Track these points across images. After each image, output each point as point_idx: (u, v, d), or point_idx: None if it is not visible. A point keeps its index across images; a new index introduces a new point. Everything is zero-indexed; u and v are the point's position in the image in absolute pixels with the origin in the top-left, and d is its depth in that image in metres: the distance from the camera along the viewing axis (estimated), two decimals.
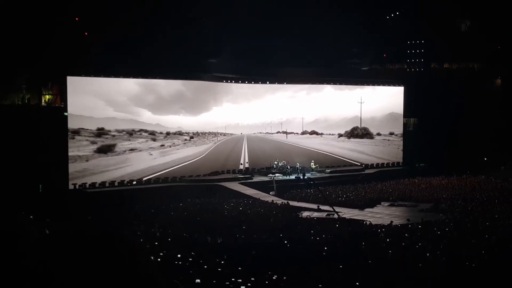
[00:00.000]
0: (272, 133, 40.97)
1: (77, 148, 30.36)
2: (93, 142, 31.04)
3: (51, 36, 29.17)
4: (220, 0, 35.40)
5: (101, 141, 31.44)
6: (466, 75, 43.39)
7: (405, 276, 12.88)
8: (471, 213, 23.11)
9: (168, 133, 34.44)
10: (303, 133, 41.60)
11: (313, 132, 42.05)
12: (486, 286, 12.31)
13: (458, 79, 42.55)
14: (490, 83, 44.30)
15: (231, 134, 39.00)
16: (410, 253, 15.57)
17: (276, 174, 34.77)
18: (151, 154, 33.16)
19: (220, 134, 38.12)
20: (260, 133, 40.58)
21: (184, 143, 35.32)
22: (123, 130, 32.48)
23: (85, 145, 30.73)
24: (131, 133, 32.66)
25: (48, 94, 30.94)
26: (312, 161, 38.23)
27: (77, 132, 30.49)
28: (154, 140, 33.63)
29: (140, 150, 32.78)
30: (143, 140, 33.16)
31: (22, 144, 26.87)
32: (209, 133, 37.18)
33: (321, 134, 42.09)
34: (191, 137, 35.81)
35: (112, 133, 31.98)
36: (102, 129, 31.56)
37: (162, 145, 33.92)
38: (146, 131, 33.35)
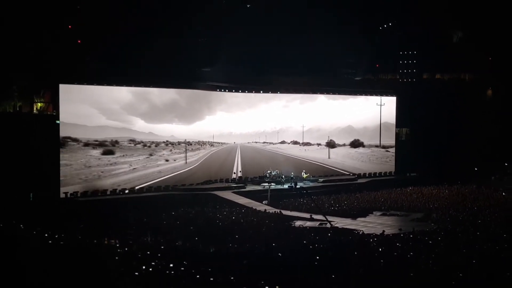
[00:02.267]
0: (274, 143, 40.81)
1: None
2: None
3: (43, 43, 29.14)
4: (215, 9, 35.50)
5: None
6: (457, 86, 43.80)
7: (397, 285, 12.90)
8: (462, 222, 23.21)
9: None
10: (304, 143, 41.60)
11: (330, 144, 42.00)
12: None
13: (450, 90, 42.95)
14: (481, 94, 44.68)
15: (222, 143, 38.81)
16: (402, 262, 15.59)
17: (271, 184, 34.75)
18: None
19: (207, 144, 37.77)
20: (256, 142, 40.53)
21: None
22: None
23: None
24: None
25: (40, 102, 30.84)
26: (304, 170, 38.35)
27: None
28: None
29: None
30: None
31: (13, 152, 26.76)
32: (196, 143, 36.75)
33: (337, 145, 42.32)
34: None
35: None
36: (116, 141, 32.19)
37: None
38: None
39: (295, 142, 41.68)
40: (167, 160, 34.34)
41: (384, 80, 44.90)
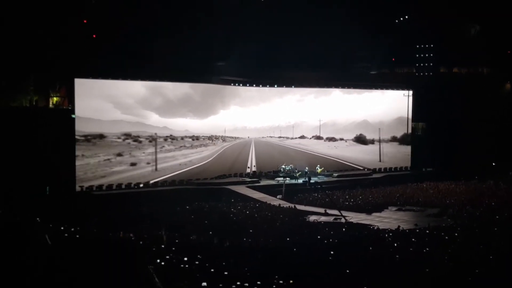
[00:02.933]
0: (292, 138, 40.46)
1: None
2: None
3: (59, 38, 29.32)
4: (229, 3, 35.40)
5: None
6: (475, 80, 43.17)
7: (412, 281, 12.77)
8: (479, 218, 22.91)
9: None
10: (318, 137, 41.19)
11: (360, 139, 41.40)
12: None
13: (467, 84, 42.33)
14: (499, 88, 44.00)
15: (235, 138, 38.66)
16: (418, 258, 15.44)
17: (287, 178, 34.64)
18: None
19: (220, 139, 37.56)
20: (271, 137, 40.35)
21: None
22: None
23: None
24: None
25: (56, 96, 31.06)
26: (318, 165, 38.18)
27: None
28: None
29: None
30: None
31: (30, 146, 27.01)
32: (207, 138, 36.53)
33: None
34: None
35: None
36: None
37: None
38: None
39: (318, 137, 41.19)
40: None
41: (400, 74, 44.43)
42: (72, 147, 29.62)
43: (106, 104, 31.55)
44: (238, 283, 11.39)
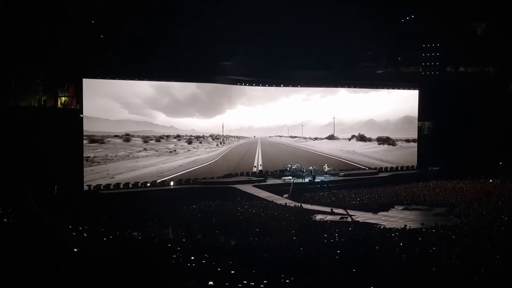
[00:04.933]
0: (303, 137, 40.41)
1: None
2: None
3: (67, 38, 29.53)
4: (236, 3, 35.51)
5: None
6: (481, 79, 43.01)
7: (419, 280, 12.81)
8: (485, 217, 22.88)
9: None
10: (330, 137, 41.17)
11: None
12: None
13: (474, 83, 42.19)
14: (505, 87, 43.81)
15: (238, 137, 38.49)
16: (424, 257, 15.47)
17: (295, 177, 34.68)
18: None
19: (220, 140, 37.19)
20: (280, 136, 40.29)
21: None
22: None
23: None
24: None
25: (64, 96, 31.30)
26: (326, 164, 38.21)
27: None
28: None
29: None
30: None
31: (38, 145, 27.21)
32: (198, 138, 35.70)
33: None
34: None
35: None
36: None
37: None
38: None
39: (331, 137, 41.05)
40: None
41: (406, 73, 44.36)
42: (80, 146, 29.83)
43: (114, 103, 31.74)
44: (244, 282, 11.47)
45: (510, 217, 22.81)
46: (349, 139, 41.91)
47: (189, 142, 35.04)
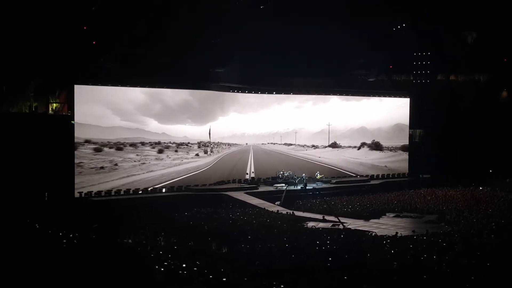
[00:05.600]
0: (310, 147, 40.69)
1: None
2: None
3: (59, 44, 29.45)
4: (228, 10, 35.61)
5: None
6: (472, 87, 43.42)
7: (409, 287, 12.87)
8: (476, 225, 23.03)
9: None
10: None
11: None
12: None
13: (464, 91, 42.60)
14: (495, 95, 44.25)
15: (228, 144, 38.21)
16: (415, 264, 15.53)
17: (287, 185, 34.70)
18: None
19: (212, 146, 36.94)
20: (274, 143, 40.18)
21: None
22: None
23: None
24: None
25: (56, 102, 31.19)
26: (317, 172, 38.35)
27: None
28: None
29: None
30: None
31: (29, 152, 27.06)
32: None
33: None
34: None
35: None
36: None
37: None
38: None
39: (334, 145, 41.23)
40: None
41: (397, 81, 44.71)
42: (72, 152, 29.70)
43: (105, 110, 31.66)
44: None
45: (500, 224, 23.00)
46: (358, 148, 41.89)
47: (160, 151, 33.68)
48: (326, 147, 41.30)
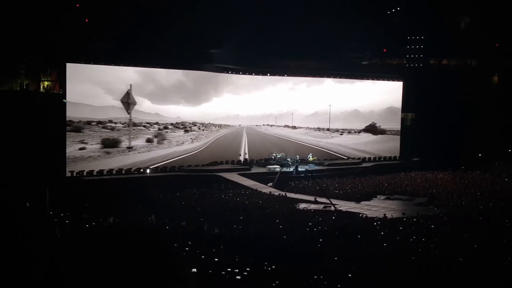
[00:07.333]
0: (301, 127, 40.82)
1: None
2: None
3: (51, 22, 29.10)
4: None
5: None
6: (463, 72, 43.58)
7: (398, 268, 13.08)
8: (464, 208, 23.35)
9: None
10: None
11: None
12: (479, 280, 12.52)
13: (456, 75, 42.75)
14: (487, 80, 44.47)
15: (219, 125, 37.86)
16: (404, 246, 15.77)
17: (281, 167, 34.77)
18: None
19: (197, 126, 36.84)
20: (271, 125, 40.09)
21: None
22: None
23: None
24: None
25: (47, 81, 30.90)
26: (310, 153, 38.50)
27: None
28: None
29: None
30: None
31: (19, 130, 26.85)
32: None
33: None
34: None
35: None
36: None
37: None
38: None
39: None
40: None
41: (391, 65, 44.73)
42: (63, 131, 29.53)
43: (98, 89, 31.38)
44: (228, 269, 11.59)
45: (488, 207, 23.33)
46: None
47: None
48: (359, 132, 41.95)
